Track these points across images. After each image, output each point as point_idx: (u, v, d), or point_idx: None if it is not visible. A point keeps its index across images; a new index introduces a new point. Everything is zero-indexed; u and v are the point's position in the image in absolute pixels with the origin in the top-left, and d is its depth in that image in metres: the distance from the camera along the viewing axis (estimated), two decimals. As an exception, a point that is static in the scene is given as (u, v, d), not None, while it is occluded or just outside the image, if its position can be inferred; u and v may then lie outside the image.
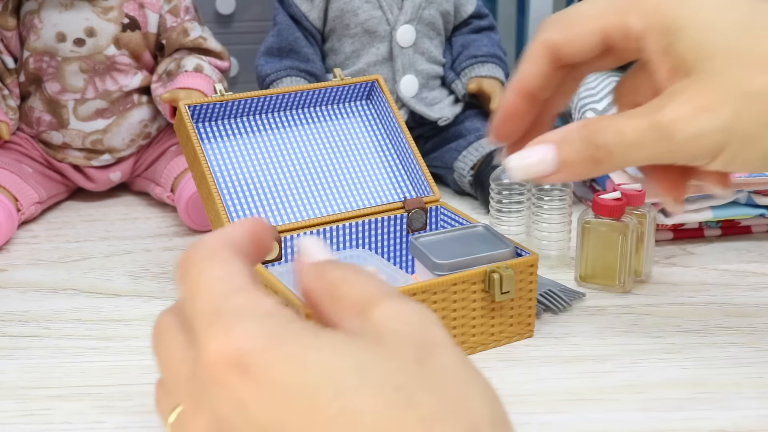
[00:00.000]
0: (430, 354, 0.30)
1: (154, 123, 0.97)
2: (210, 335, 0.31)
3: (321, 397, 0.28)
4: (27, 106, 0.94)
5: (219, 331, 0.31)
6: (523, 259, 0.63)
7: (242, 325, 0.31)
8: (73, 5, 0.90)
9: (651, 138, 0.43)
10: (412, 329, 0.31)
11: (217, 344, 0.30)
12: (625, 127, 0.44)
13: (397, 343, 0.31)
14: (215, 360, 0.30)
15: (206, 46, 0.95)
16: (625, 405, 0.56)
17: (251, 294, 0.32)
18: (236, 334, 0.30)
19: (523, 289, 0.63)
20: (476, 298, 0.62)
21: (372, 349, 0.30)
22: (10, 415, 0.56)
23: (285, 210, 0.72)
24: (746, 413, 0.55)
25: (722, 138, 0.42)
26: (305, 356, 0.30)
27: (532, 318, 0.65)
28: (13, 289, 0.76)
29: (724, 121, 0.42)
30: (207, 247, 0.35)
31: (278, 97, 0.76)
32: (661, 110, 0.43)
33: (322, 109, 0.79)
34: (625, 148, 0.44)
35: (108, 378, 0.60)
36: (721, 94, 0.42)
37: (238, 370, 0.30)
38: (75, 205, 0.97)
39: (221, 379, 0.30)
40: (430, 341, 0.31)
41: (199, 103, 0.73)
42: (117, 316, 0.70)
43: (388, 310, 0.32)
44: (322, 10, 0.99)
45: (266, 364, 0.30)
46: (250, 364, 0.30)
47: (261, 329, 0.31)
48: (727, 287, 0.74)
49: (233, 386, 0.30)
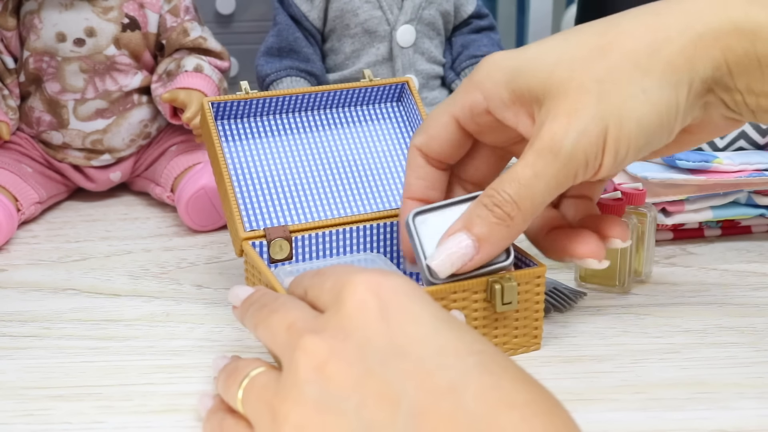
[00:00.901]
0: None
1: (154, 123, 0.97)
2: (355, 275, 0.38)
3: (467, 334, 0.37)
4: (27, 106, 0.94)
5: (365, 273, 0.37)
6: (530, 270, 0.61)
7: (388, 273, 0.38)
8: (73, 5, 0.90)
9: (543, 164, 0.45)
10: None
11: (366, 277, 0.37)
12: (516, 171, 0.46)
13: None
14: (362, 287, 0.37)
15: (206, 46, 0.95)
16: (625, 405, 0.56)
17: None
18: (383, 277, 0.38)
19: (529, 300, 0.62)
20: (478, 308, 0.60)
21: None
22: (10, 415, 0.56)
23: (300, 210, 0.71)
24: (746, 413, 0.55)
25: (600, 125, 0.44)
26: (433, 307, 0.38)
27: (538, 330, 0.63)
28: (13, 289, 0.76)
29: (593, 110, 0.44)
30: None
31: (304, 97, 0.74)
32: (538, 137, 0.45)
33: (350, 111, 0.77)
34: (527, 190, 0.45)
35: (108, 378, 0.60)
36: (579, 93, 0.45)
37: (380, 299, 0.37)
38: (75, 205, 0.97)
39: (363, 302, 0.37)
40: None
41: (223, 101, 0.72)
42: (117, 316, 0.70)
43: None
44: (322, 10, 0.99)
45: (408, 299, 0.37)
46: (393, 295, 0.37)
47: (404, 278, 0.39)
48: (727, 287, 0.74)
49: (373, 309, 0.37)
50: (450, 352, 0.34)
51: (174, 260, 0.81)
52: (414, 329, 0.35)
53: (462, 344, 0.35)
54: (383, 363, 0.34)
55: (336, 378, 0.35)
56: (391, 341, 0.35)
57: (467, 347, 0.35)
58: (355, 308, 0.36)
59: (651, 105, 0.44)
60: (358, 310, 0.36)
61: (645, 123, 0.44)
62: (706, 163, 0.78)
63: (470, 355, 0.34)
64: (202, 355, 0.63)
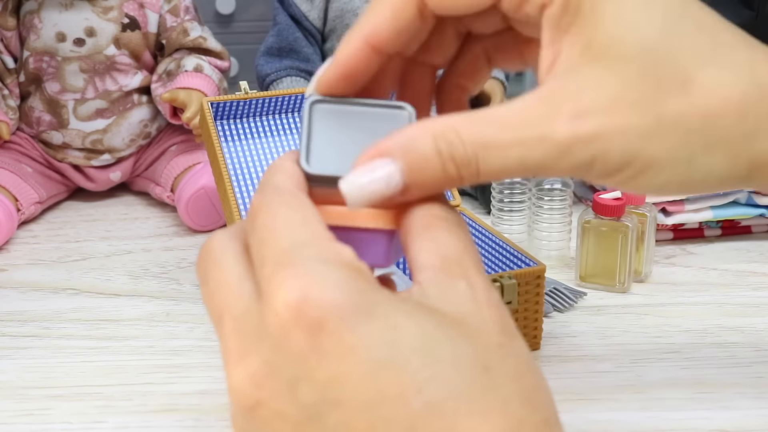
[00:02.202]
0: (510, 341, 0.30)
1: (154, 123, 0.97)
2: (283, 281, 0.28)
3: (413, 361, 0.27)
4: (27, 106, 0.94)
5: (294, 278, 0.28)
6: (530, 269, 0.61)
7: (321, 276, 0.28)
8: (73, 5, 0.90)
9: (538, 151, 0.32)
10: (494, 313, 0.30)
11: (291, 294, 0.28)
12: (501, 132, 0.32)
13: (481, 323, 0.29)
14: (286, 311, 0.28)
15: (206, 46, 0.95)
16: (625, 405, 0.56)
17: (330, 243, 0.30)
18: (313, 286, 0.28)
19: (529, 300, 0.62)
20: None
21: (461, 325, 0.29)
22: (10, 415, 0.56)
23: None
24: (746, 413, 0.55)
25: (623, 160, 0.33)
26: (395, 318, 0.28)
27: (538, 330, 0.63)
28: (13, 289, 0.76)
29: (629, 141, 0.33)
30: (279, 187, 0.32)
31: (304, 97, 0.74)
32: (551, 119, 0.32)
33: None
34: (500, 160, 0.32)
35: (108, 378, 0.60)
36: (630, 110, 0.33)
37: (310, 328, 0.28)
38: (75, 205, 0.97)
39: (288, 332, 0.28)
40: (509, 329, 0.30)
41: (222, 101, 0.72)
42: (117, 316, 0.70)
43: (473, 287, 0.30)
44: (322, 10, 0.99)
45: (344, 325, 0.28)
46: (324, 323, 0.28)
47: (340, 285, 0.28)
48: (727, 287, 0.74)
49: (301, 341, 0.28)
50: (391, 396, 0.27)
51: (174, 260, 0.81)
52: (347, 368, 0.28)
53: (408, 379, 0.27)
54: (316, 416, 0.28)
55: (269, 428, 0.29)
56: (323, 385, 0.28)
57: (414, 383, 0.27)
58: (279, 331, 0.29)
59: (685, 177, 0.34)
60: (283, 334, 0.28)
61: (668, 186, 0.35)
62: (706, 163, 0.78)
63: (417, 395, 0.27)
64: (202, 355, 0.63)
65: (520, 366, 0.29)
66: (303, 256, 0.29)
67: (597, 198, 0.71)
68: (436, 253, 0.31)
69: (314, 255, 0.29)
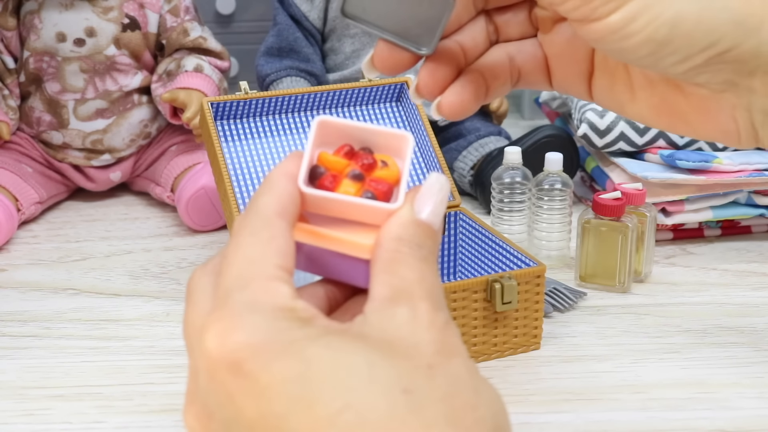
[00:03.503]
0: (445, 361, 0.29)
1: (154, 123, 0.97)
2: (210, 324, 0.30)
3: (324, 392, 0.28)
4: (27, 106, 0.94)
5: (219, 321, 0.30)
6: (529, 269, 0.61)
7: (242, 320, 0.29)
8: (73, 5, 0.90)
9: None
10: (433, 335, 0.30)
11: (213, 338, 0.29)
12: None
13: (413, 346, 0.29)
14: (209, 355, 0.29)
15: (206, 46, 0.95)
16: (625, 405, 0.56)
17: (269, 283, 0.31)
18: (233, 329, 0.29)
19: (528, 300, 0.62)
20: (477, 308, 0.60)
21: (385, 349, 0.29)
22: (10, 415, 0.56)
23: None
24: (746, 413, 0.55)
25: None
26: (309, 352, 0.28)
27: (538, 330, 0.63)
28: (13, 289, 0.76)
29: None
30: (259, 211, 0.33)
31: (304, 97, 0.74)
32: None
33: (350, 110, 0.77)
34: None
35: (108, 378, 0.60)
36: None
37: (230, 370, 0.29)
38: (75, 205, 0.97)
39: (213, 375, 0.29)
40: (447, 350, 0.30)
41: (222, 101, 0.72)
42: (117, 316, 0.70)
43: (415, 310, 0.30)
44: (322, 10, 0.99)
45: (259, 364, 0.28)
46: (242, 365, 0.29)
47: (259, 327, 0.29)
48: (727, 287, 0.74)
49: (225, 384, 0.29)
50: None
51: (174, 260, 0.81)
52: (265, 407, 0.28)
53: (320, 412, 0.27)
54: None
55: None
56: (250, 425, 0.29)
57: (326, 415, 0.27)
58: (207, 374, 0.30)
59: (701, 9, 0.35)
60: (210, 377, 0.29)
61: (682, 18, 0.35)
62: (706, 163, 0.78)
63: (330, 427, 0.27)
64: (202, 355, 0.63)
65: (452, 386, 0.29)
66: (235, 298, 0.30)
67: (597, 198, 0.71)
68: (388, 283, 0.31)
69: (246, 298, 0.30)
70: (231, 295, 0.30)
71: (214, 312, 0.30)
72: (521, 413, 0.55)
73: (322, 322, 0.30)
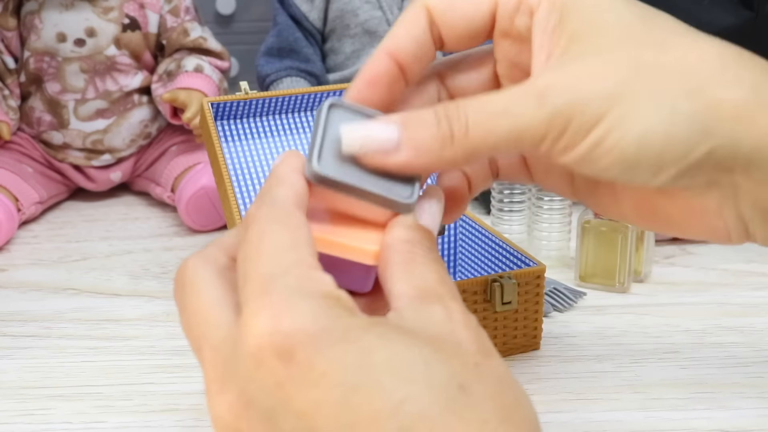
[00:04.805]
0: (487, 360, 0.30)
1: (154, 123, 0.97)
2: (257, 310, 0.29)
3: (385, 383, 0.27)
4: (27, 106, 0.95)
5: (267, 307, 0.29)
6: (529, 269, 0.61)
7: (294, 306, 0.29)
8: (74, 5, 0.91)
9: (521, 104, 0.35)
10: (471, 335, 0.30)
11: (263, 323, 0.28)
12: (487, 96, 0.36)
13: (457, 344, 0.30)
14: (258, 341, 0.28)
15: (206, 46, 0.95)
16: (625, 405, 0.56)
17: (311, 271, 0.30)
18: (285, 315, 0.28)
19: (528, 300, 0.62)
20: (477, 308, 0.60)
21: (435, 344, 0.29)
22: (10, 415, 0.56)
23: None
24: (746, 413, 0.55)
25: (602, 106, 0.35)
26: (365, 341, 0.28)
27: (538, 330, 0.63)
28: (13, 289, 0.76)
29: (608, 88, 0.35)
30: (278, 201, 0.32)
31: (304, 97, 0.74)
32: (537, 78, 0.36)
33: None
34: (488, 117, 0.35)
35: (108, 378, 0.60)
36: (610, 62, 0.36)
37: (282, 357, 0.28)
38: (75, 205, 0.97)
39: (261, 361, 0.28)
40: (485, 350, 0.30)
41: (222, 101, 0.72)
42: (117, 316, 0.70)
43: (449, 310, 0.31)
44: (322, 10, 0.99)
45: (315, 351, 0.28)
46: (295, 352, 0.28)
47: (313, 313, 0.29)
48: (727, 287, 0.74)
49: (274, 371, 0.28)
50: (365, 421, 0.27)
51: (174, 260, 0.81)
52: (321, 395, 0.28)
53: (381, 402, 0.27)
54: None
55: None
56: (299, 414, 0.28)
57: (387, 406, 0.27)
58: (252, 360, 0.29)
59: (668, 125, 0.36)
60: (256, 364, 0.29)
61: (649, 136, 0.36)
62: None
63: (391, 418, 0.27)
64: (203, 355, 0.63)
65: (498, 384, 0.29)
66: (280, 284, 0.29)
67: (597, 198, 0.71)
68: (411, 284, 0.31)
69: (292, 283, 0.29)
70: (275, 280, 0.30)
71: (256, 299, 0.29)
72: (521, 413, 0.55)
73: (365, 314, 0.30)
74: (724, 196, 0.37)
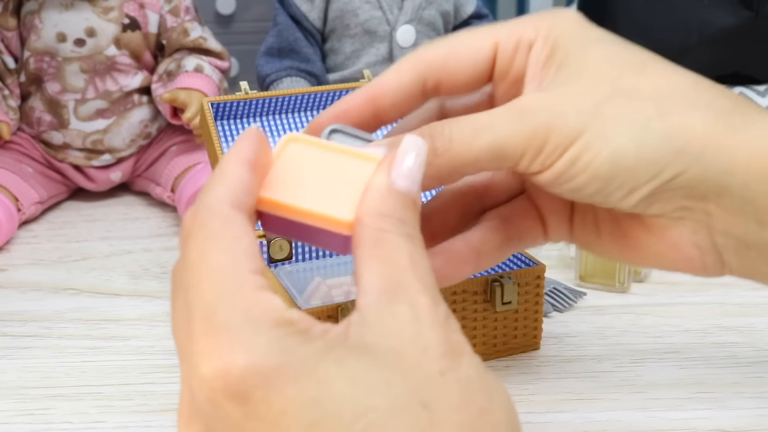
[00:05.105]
0: (455, 364, 0.29)
1: (154, 123, 0.97)
2: (206, 352, 0.28)
3: (345, 414, 0.27)
4: (27, 106, 0.95)
5: (216, 348, 0.28)
6: (530, 269, 0.61)
7: (243, 343, 0.27)
8: (74, 5, 0.91)
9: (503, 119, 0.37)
10: (438, 335, 0.29)
11: (214, 366, 0.27)
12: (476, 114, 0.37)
13: (421, 351, 0.28)
14: (211, 385, 0.27)
15: (206, 46, 0.95)
16: (625, 405, 0.56)
17: (257, 294, 0.29)
18: (236, 355, 0.27)
19: (528, 300, 0.62)
20: (477, 308, 0.60)
21: (395, 359, 0.28)
22: (10, 415, 0.56)
23: None
24: (746, 413, 0.55)
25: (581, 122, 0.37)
26: (321, 371, 0.27)
27: (538, 330, 0.63)
28: (13, 289, 0.76)
29: (585, 108, 0.37)
30: (215, 209, 0.31)
31: (304, 97, 0.74)
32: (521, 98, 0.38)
33: None
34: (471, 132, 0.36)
35: (108, 378, 0.60)
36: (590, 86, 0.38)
37: (237, 400, 0.27)
38: (75, 205, 0.97)
39: (217, 404, 0.27)
40: (454, 350, 0.29)
41: (222, 101, 0.72)
42: (117, 316, 0.70)
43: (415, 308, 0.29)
44: (322, 10, 0.99)
45: (271, 390, 0.27)
46: (250, 393, 0.27)
47: (264, 350, 0.27)
48: (727, 287, 0.74)
49: (231, 413, 0.27)
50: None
51: (174, 260, 0.81)
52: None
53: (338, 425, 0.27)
54: None
55: None
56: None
57: None
58: (209, 403, 0.28)
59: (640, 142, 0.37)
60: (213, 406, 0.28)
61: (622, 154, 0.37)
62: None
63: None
64: (203, 354, 0.63)
65: (464, 393, 0.28)
66: (226, 318, 0.28)
67: (597, 198, 0.71)
68: (379, 272, 0.30)
69: (238, 317, 0.28)
70: (217, 313, 0.28)
71: (203, 338, 0.28)
72: (521, 413, 0.55)
73: (319, 331, 0.29)
74: (698, 225, 0.38)
